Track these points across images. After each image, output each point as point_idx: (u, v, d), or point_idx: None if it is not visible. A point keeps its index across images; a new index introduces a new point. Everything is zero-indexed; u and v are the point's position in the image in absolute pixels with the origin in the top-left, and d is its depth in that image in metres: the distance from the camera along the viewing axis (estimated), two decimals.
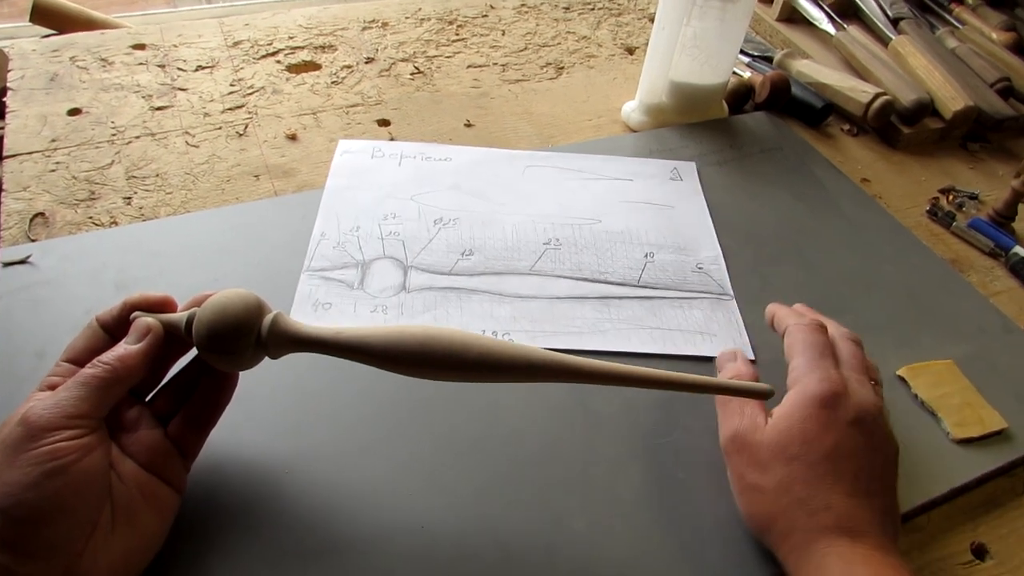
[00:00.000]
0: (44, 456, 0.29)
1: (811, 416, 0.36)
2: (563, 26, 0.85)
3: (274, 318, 0.35)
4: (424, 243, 0.54)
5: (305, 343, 0.35)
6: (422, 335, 0.34)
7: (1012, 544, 0.42)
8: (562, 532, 0.38)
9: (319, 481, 0.39)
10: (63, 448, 0.29)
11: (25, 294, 0.46)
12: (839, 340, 0.42)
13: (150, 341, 0.34)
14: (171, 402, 0.37)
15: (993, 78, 0.76)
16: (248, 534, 0.37)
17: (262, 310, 0.35)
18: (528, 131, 0.68)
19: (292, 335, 0.35)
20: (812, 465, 0.35)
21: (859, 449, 0.36)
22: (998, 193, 0.66)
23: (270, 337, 0.35)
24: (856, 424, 0.36)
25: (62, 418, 0.30)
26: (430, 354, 0.34)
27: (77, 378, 0.32)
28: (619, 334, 0.49)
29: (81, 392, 0.31)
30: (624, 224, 0.58)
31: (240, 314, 0.34)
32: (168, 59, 0.71)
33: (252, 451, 0.40)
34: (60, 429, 0.30)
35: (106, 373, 0.32)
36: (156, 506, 0.34)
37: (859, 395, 0.38)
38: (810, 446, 0.36)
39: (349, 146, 0.62)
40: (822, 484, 0.35)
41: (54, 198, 0.55)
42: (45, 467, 0.29)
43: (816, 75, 0.75)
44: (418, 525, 0.38)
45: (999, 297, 0.57)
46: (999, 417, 0.46)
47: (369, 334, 0.35)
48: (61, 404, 0.30)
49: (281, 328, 0.35)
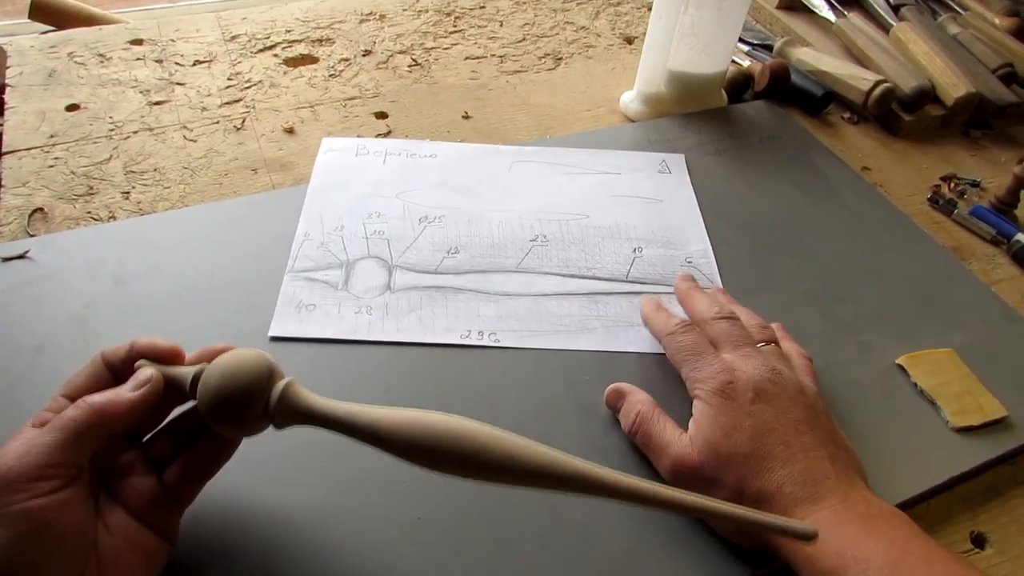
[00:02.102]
0: (17, 517, 0.27)
1: (717, 415, 0.37)
2: (561, 16, 0.84)
3: (284, 388, 0.33)
4: (409, 242, 0.54)
5: (314, 419, 0.33)
6: (441, 430, 0.31)
7: (1012, 533, 0.41)
8: (558, 523, 0.38)
9: (315, 474, 0.39)
10: (37, 507, 0.27)
11: (24, 289, 0.46)
12: (709, 321, 0.42)
13: (145, 392, 0.32)
14: (169, 447, 0.34)
15: (995, 64, 0.75)
16: (244, 528, 0.37)
17: (273, 377, 0.33)
18: (526, 122, 0.68)
19: (302, 409, 0.33)
20: (747, 458, 0.35)
21: (773, 418, 0.36)
22: (1000, 180, 0.66)
23: (278, 409, 0.32)
24: (758, 399, 0.37)
25: (34, 468, 0.27)
26: (443, 453, 0.31)
27: (55, 422, 0.29)
28: (607, 332, 0.49)
29: (54, 438, 0.29)
30: (612, 219, 0.57)
31: (250, 383, 0.32)
32: (165, 54, 0.71)
33: (242, 447, 0.40)
34: (33, 481, 0.27)
35: (86, 417, 0.30)
36: (145, 556, 0.31)
37: (746, 371, 0.38)
38: (733, 442, 0.36)
39: (333, 144, 0.62)
40: (763, 468, 0.35)
41: (53, 193, 0.55)
42: (20, 529, 0.27)
43: (816, 63, 0.74)
44: (414, 516, 0.38)
45: (1001, 285, 0.57)
46: (999, 405, 0.46)
47: (383, 420, 0.32)
48: (33, 452, 0.28)
49: (290, 400, 0.33)
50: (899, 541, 0.33)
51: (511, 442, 0.31)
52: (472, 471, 0.31)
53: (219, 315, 0.47)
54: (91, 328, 0.45)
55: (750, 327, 0.43)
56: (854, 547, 0.32)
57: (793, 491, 0.34)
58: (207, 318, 0.46)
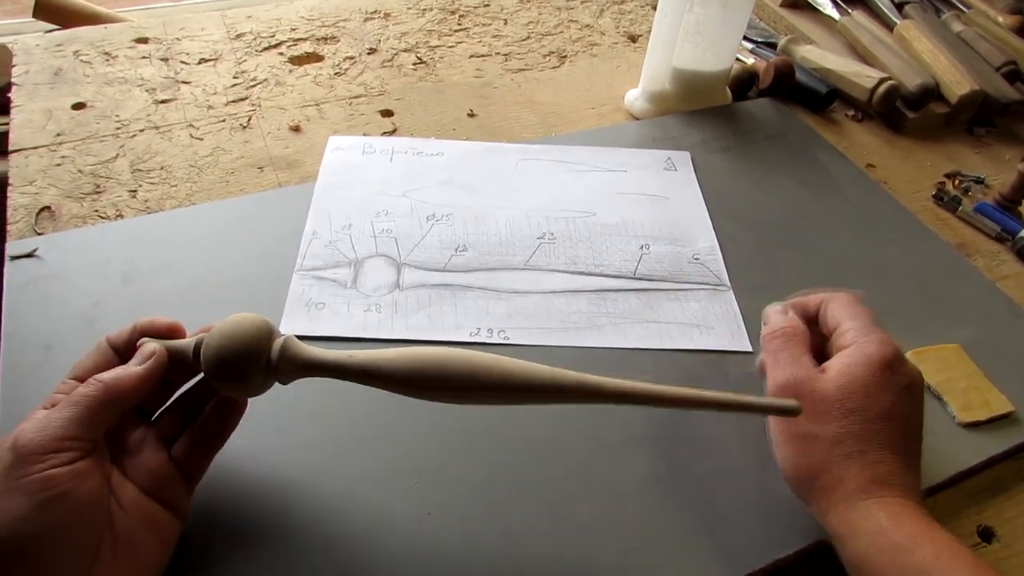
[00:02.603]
0: (37, 484, 0.28)
1: (873, 374, 0.37)
2: (565, 15, 0.84)
3: (284, 343, 0.34)
4: (417, 240, 0.54)
5: (316, 368, 0.34)
6: (439, 358, 0.33)
7: (1019, 527, 0.42)
8: (567, 520, 0.39)
9: (325, 469, 0.40)
10: (56, 475, 0.28)
11: (32, 287, 0.47)
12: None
13: (151, 365, 0.33)
14: (177, 423, 0.36)
15: (999, 62, 0.75)
16: (256, 527, 0.37)
17: (272, 335, 0.34)
18: (531, 120, 0.68)
19: (303, 360, 0.34)
20: (869, 421, 0.36)
21: (908, 413, 0.37)
22: (1004, 177, 0.66)
23: (280, 362, 0.34)
24: (908, 389, 0.37)
25: (52, 441, 0.29)
26: (447, 377, 0.33)
27: (70, 398, 0.31)
28: (616, 329, 0.49)
29: (71, 412, 0.30)
30: (619, 216, 0.58)
31: (249, 339, 0.33)
32: (171, 52, 0.71)
33: (256, 444, 0.40)
34: (51, 453, 0.28)
35: (98, 392, 0.31)
36: (158, 533, 0.32)
37: (910, 363, 0.39)
38: (870, 402, 0.36)
39: (340, 143, 0.62)
40: (875, 440, 0.35)
41: (60, 192, 0.55)
42: (38, 497, 0.28)
43: (820, 60, 0.74)
44: (425, 512, 0.38)
45: (1006, 282, 0.57)
46: (1006, 400, 0.46)
47: (382, 358, 0.34)
48: (51, 426, 0.29)
49: (291, 353, 0.34)
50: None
51: (506, 360, 0.34)
52: (475, 393, 0.33)
53: (228, 313, 0.46)
54: (100, 326, 0.45)
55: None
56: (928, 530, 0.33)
57: (887, 475, 0.35)
58: (216, 316, 0.46)
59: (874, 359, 0.37)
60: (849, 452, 0.35)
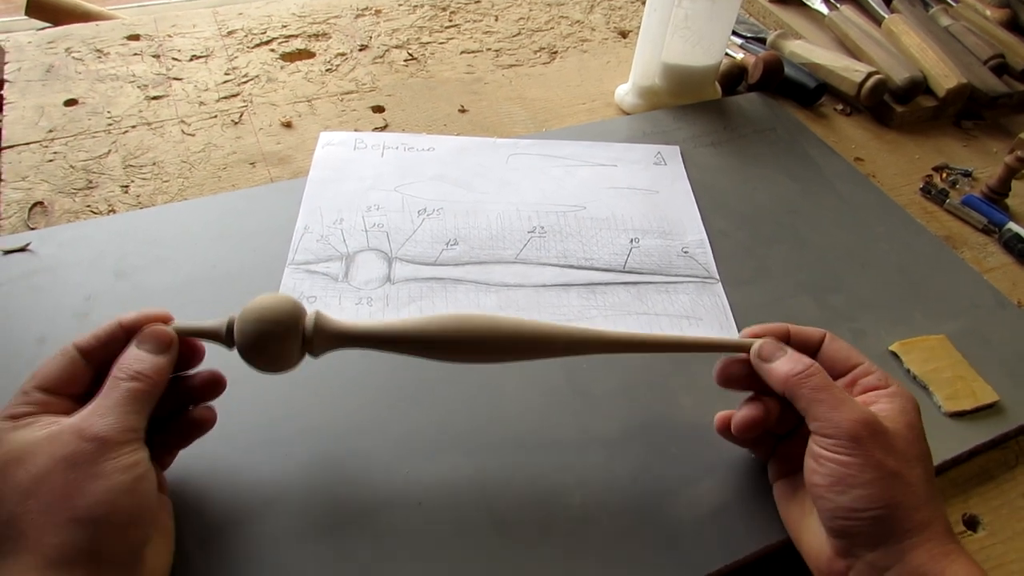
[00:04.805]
0: (129, 465, 0.30)
1: (919, 419, 0.37)
2: (556, 11, 0.85)
3: (317, 316, 0.35)
4: (408, 234, 0.54)
5: (351, 339, 0.36)
6: (462, 321, 0.36)
7: (1004, 516, 0.42)
8: (557, 508, 0.39)
9: (317, 461, 0.40)
10: (138, 460, 0.31)
11: (25, 281, 0.47)
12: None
13: (174, 354, 0.34)
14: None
15: (987, 55, 0.76)
16: (245, 517, 0.37)
17: (303, 310, 0.36)
18: (522, 116, 0.68)
19: (338, 332, 0.36)
20: (930, 465, 0.36)
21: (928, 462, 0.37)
22: (992, 170, 0.66)
23: (316, 335, 0.35)
24: (921, 438, 0.37)
25: (126, 431, 0.31)
26: (465, 339, 0.36)
27: (121, 393, 0.32)
28: (605, 321, 0.49)
29: (131, 407, 0.31)
30: (609, 210, 0.58)
31: (286, 314, 0.34)
32: (162, 49, 0.71)
33: (248, 434, 0.40)
34: (127, 442, 0.31)
35: (147, 387, 0.32)
36: (165, 508, 0.35)
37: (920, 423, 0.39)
38: (926, 447, 0.36)
39: (331, 138, 0.62)
40: (936, 484, 0.36)
41: (52, 187, 0.55)
42: (134, 473, 0.30)
43: (809, 55, 0.75)
44: (415, 502, 0.38)
45: (992, 273, 0.57)
46: (991, 390, 0.47)
47: (410, 325, 0.36)
48: (121, 420, 0.31)
49: (326, 325, 0.35)
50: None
51: (515, 319, 0.37)
52: (494, 352, 0.36)
53: (221, 307, 0.46)
54: (92, 320, 0.45)
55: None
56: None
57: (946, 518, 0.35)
58: (209, 310, 0.46)
59: (915, 404, 0.37)
60: (935, 494, 0.35)
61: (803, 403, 0.36)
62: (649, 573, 0.37)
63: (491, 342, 0.36)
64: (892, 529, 0.34)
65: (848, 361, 0.39)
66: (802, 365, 0.37)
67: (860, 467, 0.34)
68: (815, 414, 0.36)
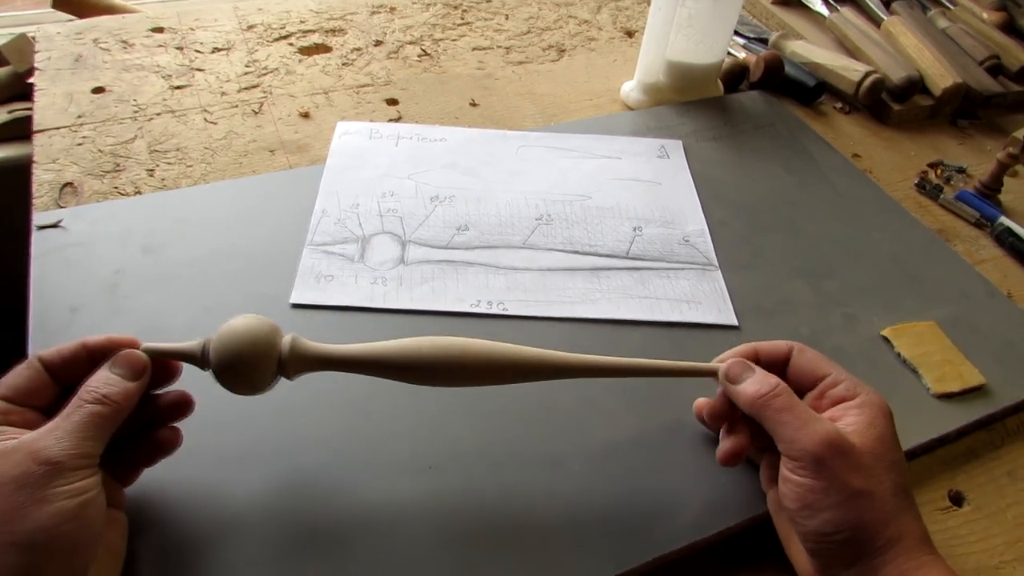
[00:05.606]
0: (77, 491, 0.30)
1: (890, 426, 0.37)
2: (564, 10, 0.87)
3: (293, 339, 0.36)
4: (421, 219, 0.56)
5: (327, 362, 0.36)
6: (437, 346, 0.36)
7: (989, 492, 0.44)
8: (561, 472, 0.41)
9: (330, 424, 0.42)
10: (88, 484, 0.30)
11: (58, 255, 0.49)
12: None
13: (146, 380, 0.34)
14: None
15: (982, 56, 0.78)
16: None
17: (279, 333, 0.36)
18: (531, 110, 0.71)
19: (314, 355, 0.36)
20: (903, 473, 0.36)
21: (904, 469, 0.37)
22: (986, 167, 0.68)
23: (292, 358, 0.35)
24: (898, 447, 0.37)
25: (80, 458, 0.30)
26: (440, 364, 0.36)
27: (82, 416, 0.31)
28: (609, 302, 0.51)
29: (90, 432, 0.31)
30: (613, 200, 0.60)
31: (263, 337, 0.35)
32: (185, 42, 0.74)
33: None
34: (80, 467, 0.30)
35: (112, 412, 0.32)
36: (118, 529, 0.34)
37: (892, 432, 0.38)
38: (898, 455, 0.36)
39: (348, 128, 0.65)
40: (911, 492, 0.36)
41: (81, 169, 0.58)
42: (82, 499, 0.30)
43: (809, 55, 0.77)
44: (426, 465, 0.40)
45: (984, 265, 0.59)
46: (978, 374, 0.49)
47: (385, 349, 0.36)
48: (78, 446, 0.30)
49: (301, 349, 0.36)
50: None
51: (491, 345, 0.37)
52: (461, 378, 0.37)
53: (242, 283, 0.49)
54: (121, 291, 0.47)
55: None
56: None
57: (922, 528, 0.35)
58: (230, 285, 0.49)
59: (886, 411, 0.37)
60: (906, 505, 0.35)
61: (769, 424, 0.36)
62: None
63: (466, 368, 0.36)
64: (863, 549, 0.34)
65: (816, 372, 0.39)
66: (768, 386, 0.37)
67: (824, 490, 0.34)
68: (780, 436, 0.36)
